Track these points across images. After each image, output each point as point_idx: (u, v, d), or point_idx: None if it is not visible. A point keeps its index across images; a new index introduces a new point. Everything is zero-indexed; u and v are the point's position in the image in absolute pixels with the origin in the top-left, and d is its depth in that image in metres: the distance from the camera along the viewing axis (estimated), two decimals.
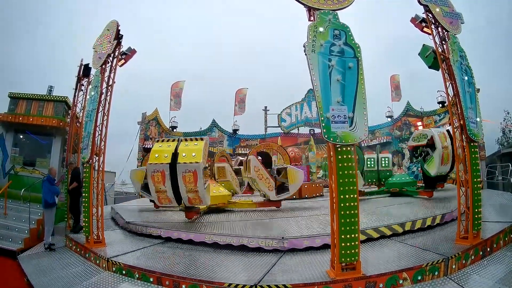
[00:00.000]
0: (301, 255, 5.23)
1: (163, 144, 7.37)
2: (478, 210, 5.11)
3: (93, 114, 6.51)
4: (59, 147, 9.78)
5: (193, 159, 6.68)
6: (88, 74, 8.24)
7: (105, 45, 6.80)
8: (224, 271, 4.63)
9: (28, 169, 9.67)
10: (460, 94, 5.20)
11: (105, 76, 6.73)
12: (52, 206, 7.15)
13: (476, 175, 5.18)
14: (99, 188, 6.51)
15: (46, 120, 9.58)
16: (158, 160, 6.85)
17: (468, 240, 4.98)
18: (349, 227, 4.02)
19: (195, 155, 6.74)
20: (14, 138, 9.88)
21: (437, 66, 5.50)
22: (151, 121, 19.24)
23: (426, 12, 5.59)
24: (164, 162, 6.77)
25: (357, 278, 3.97)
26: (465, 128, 5.14)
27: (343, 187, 4.06)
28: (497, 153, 15.58)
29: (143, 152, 17.81)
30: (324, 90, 4.14)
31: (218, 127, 22.87)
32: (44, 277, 5.38)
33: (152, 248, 6.17)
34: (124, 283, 4.80)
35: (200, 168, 6.57)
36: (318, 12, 4.45)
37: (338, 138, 4.04)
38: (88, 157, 6.38)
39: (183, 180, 6.69)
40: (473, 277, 4.33)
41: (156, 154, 7.02)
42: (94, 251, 5.88)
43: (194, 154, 6.76)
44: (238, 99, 24.12)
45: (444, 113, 17.46)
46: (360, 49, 4.41)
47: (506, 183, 12.15)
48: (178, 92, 21.89)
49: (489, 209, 7.25)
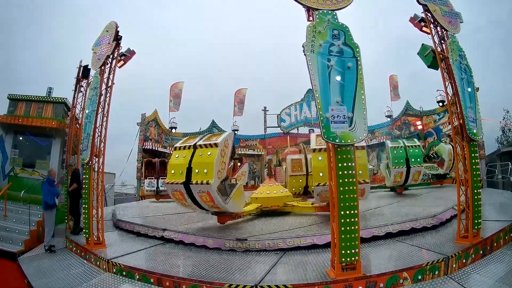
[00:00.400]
0: (301, 255, 5.24)
1: (180, 154, 6.67)
2: (478, 209, 5.11)
3: (92, 115, 6.51)
4: (58, 149, 9.78)
5: (205, 178, 5.97)
6: (88, 76, 8.24)
7: (104, 46, 6.80)
8: (225, 271, 4.63)
9: (27, 170, 9.67)
10: (460, 93, 5.21)
11: (104, 77, 6.73)
12: (52, 207, 7.15)
13: (476, 174, 5.18)
14: (99, 189, 6.51)
15: (45, 121, 9.59)
16: (174, 179, 6.41)
17: (468, 239, 4.98)
18: (349, 227, 4.02)
19: (207, 172, 5.99)
20: (14, 139, 9.88)
21: (436, 65, 5.50)
22: (150, 122, 19.22)
23: (425, 12, 5.59)
24: (179, 182, 6.26)
25: (357, 278, 3.97)
26: (465, 127, 5.14)
27: (343, 187, 4.06)
28: (496, 152, 15.61)
29: (143, 153, 17.80)
30: (324, 90, 4.14)
31: (217, 127, 22.85)
32: (44, 279, 5.38)
33: (152, 249, 6.17)
34: (124, 284, 4.80)
35: (212, 189, 5.93)
36: (317, 12, 4.45)
37: (338, 138, 4.04)
38: (88, 159, 6.38)
39: (201, 199, 6.27)
40: (474, 276, 4.33)
41: (173, 170, 6.52)
42: (94, 253, 5.87)
43: (206, 171, 6.01)
44: (237, 100, 24.12)
45: (444, 112, 17.46)
46: (359, 49, 4.41)
47: (506, 182, 12.18)
48: (178, 93, 21.89)
49: (489, 208, 7.25)
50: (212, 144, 6.28)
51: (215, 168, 5.98)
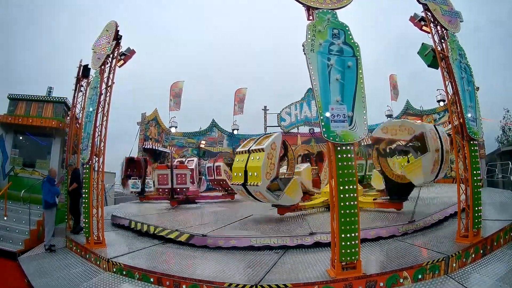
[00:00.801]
0: (302, 254, 5.24)
1: (239, 158, 7.86)
2: (478, 209, 5.11)
3: (92, 115, 6.51)
4: (58, 148, 9.77)
5: (255, 180, 6.96)
6: (88, 75, 8.22)
7: (104, 45, 6.80)
8: (225, 271, 4.63)
9: (28, 170, 9.66)
10: (460, 92, 5.21)
11: (104, 76, 6.73)
12: (52, 207, 7.15)
13: (476, 174, 5.18)
14: (99, 189, 6.51)
15: (45, 121, 9.57)
16: (236, 180, 7.66)
17: (468, 238, 4.98)
18: (349, 226, 4.02)
19: (257, 175, 6.94)
20: (14, 139, 9.87)
21: (436, 64, 5.50)
22: (150, 122, 19.20)
23: (425, 11, 5.59)
24: (239, 183, 7.40)
25: (357, 277, 3.97)
26: (465, 126, 5.14)
27: (343, 186, 4.06)
28: (497, 151, 15.60)
29: (143, 152, 17.78)
30: (324, 89, 4.14)
31: (217, 127, 22.84)
32: (44, 278, 5.38)
33: (153, 248, 6.17)
34: (124, 284, 4.81)
35: (261, 189, 6.88)
36: (317, 11, 4.45)
37: (338, 137, 4.04)
38: (88, 158, 6.38)
39: (257, 196, 7.33)
40: (474, 275, 4.33)
41: (235, 172, 7.81)
42: (94, 252, 5.88)
43: (256, 174, 6.97)
44: (237, 99, 24.08)
45: (444, 112, 17.46)
46: (359, 48, 4.41)
47: (506, 181, 12.17)
48: (178, 92, 21.85)
49: (489, 207, 7.25)
50: (260, 149, 7.16)
51: (263, 171, 6.83)
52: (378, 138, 7.79)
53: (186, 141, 20.73)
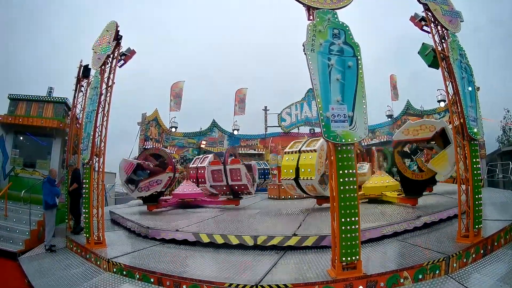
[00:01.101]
0: (302, 254, 5.23)
1: (289, 157, 8.97)
2: (479, 209, 5.10)
3: (92, 115, 6.51)
4: (59, 148, 9.77)
5: (309, 175, 8.17)
6: (88, 75, 8.23)
7: (105, 46, 6.80)
8: (225, 271, 4.63)
9: (28, 170, 9.66)
10: (460, 92, 5.20)
11: (105, 77, 6.73)
12: (53, 207, 7.15)
13: (477, 174, 5.17)
14: (99, 189, 6.51)
15: (46, 121, 9.57)
16: (287, 175, 8.83)
17: (469, 238, 4.98)
18: (350, 226, 4.02)
19: (310, 171, 8.13)
20: (14, 139, 9.87)
21: (436, 64, 5.49)
22: (151, 122, 19.20)
23: (425, 11, 5.58)
24: (291, 178, 8.64)
25: (358, 277, 3.97)
26: (465, 126, 5.13)
27: (343, 186, 4.06)
28: (497, 152, 15.60)
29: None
30: (324, 89, 4.14)
31: (218, 127, 22.84)
32: (44, 278, 5.39)
33: (153, 248, 6.17)
34: (124, 284, 4.80)
35: (314, 182, 8.13)
36: (317, 11, 4.44)
37: (338, 137, 4.04)
38: (88, 158, 6.38)
39: (307, 189, 8.57)
40: (474, 275, 4.32)
41: (285, 169, 8.97)
42: (94, 252, 5.88)
43: (310, 170, 8.14)
44: (238, 99, 24.07)
45: (445, 112, 17.45)
46: (359, 48, 4.41)
47: (506, 181, 12.16)
48: (178, 93, 21.85)
49: (490, 208, 7.24)
50: (312, 150, 8.46)
51: (316, 168, 8.12)
52: (400, 141, 8.38)
53: (186, 141, 20.71)
